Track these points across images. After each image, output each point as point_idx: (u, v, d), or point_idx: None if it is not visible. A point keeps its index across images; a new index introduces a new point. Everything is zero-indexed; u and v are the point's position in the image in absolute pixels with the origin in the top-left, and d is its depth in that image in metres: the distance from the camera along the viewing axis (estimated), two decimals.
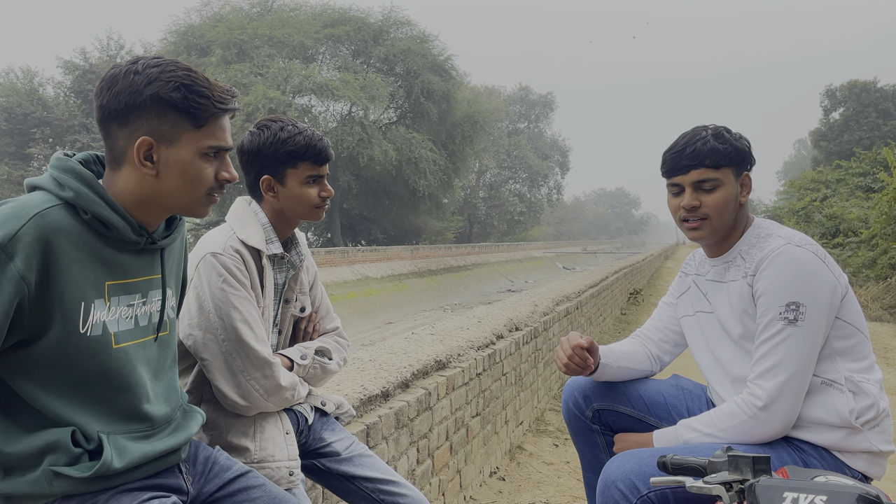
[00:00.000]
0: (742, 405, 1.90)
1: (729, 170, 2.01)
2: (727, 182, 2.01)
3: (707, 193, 2.01)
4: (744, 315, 1.98)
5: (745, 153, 2.03)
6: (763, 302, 1.90)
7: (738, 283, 2.00)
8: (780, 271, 1.89)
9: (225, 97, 1.41)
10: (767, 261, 1.92)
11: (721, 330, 2.07)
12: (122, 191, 1.38)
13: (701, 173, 2.00)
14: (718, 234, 2.06)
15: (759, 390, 1.87)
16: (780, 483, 1.21)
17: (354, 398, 2.62)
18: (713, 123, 2.10)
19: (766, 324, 1.89)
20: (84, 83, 34.37)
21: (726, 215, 2.02)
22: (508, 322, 5.02)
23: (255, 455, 1.82)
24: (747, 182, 2.06)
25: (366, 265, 30.65)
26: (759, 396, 1.86)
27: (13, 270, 1.21)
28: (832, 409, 1.86)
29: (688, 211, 2.03)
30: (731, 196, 2.01)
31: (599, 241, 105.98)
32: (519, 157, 61.61)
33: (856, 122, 46.68)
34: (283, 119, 1.97)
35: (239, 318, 1.78)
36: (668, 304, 2.37)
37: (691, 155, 2.00)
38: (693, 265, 2.25)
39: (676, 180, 2.05)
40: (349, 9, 37.92)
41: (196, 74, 1.38)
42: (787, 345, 1.85)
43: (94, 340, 1.33)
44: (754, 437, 1.88)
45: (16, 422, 1.32)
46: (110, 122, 1.36)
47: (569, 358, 2.18)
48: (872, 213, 16.69)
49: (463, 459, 3.74)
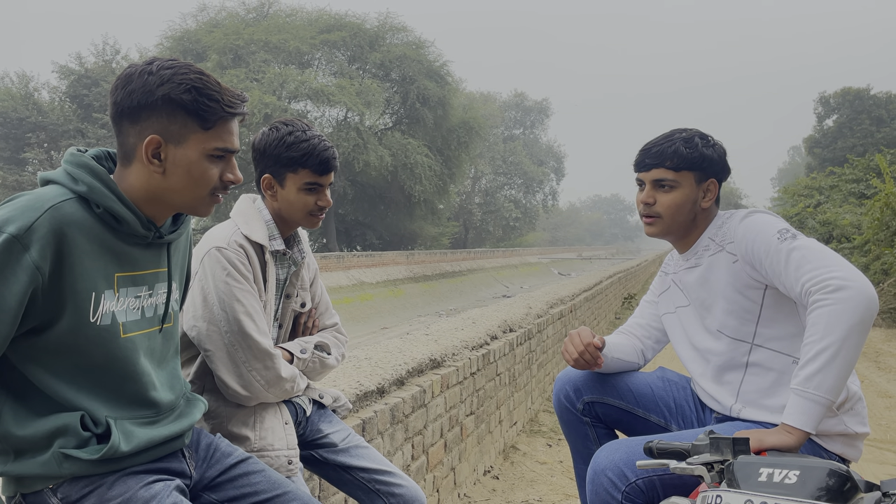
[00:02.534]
0: (820, 305, 1.78)
1: (690, 174, 2.08)
2: (685, 185, 2.08)
3: (664, 193, 2.10)
4: (726, 287, 2.04)
5: (711, 161, 2.09)
6: (758, 249, 1.96)
7: (715, 257, 2.08)
8: (755, 222, 2.01)
9: (234, 101, 1.46)
10: (738, 224, 2.04)
11: (700, 321, 2.14)
12: (131, 186, 1.43)
13: (660, 173, 2.10)
14: (672, 232, 2.16)
15: (820, 284, 1.79)
16: (757, 460, 1.28)
17: (350, 393, 2.67)
18: (696, 128, 2.18)
19: (775, 254, 1.91)
20: (79, 88, 34.38)
21: (679, 217, 2.11)
22: (503, 323, 5.08)
23: (255, 444, 1.87)
24: (713, 188, 2.12)
25: (361, 270, 30.69)
26: (828, 283, 1.78)
27: (28, 260, 1.26)
28: None
29: (644, 206, 2.15)
30: (686, 199, 2.09)
31: (595, 247, 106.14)
32: (514, 163, 61.77)
33: (849, 129, 46.88)
34: (296, 123, 2.02)
35: (242, 311, 1.83)
36: (649, 303, 2.45)
37: (655, 154, 2.10)
38: (672, 264, 2.32)
39: (640, 176, 2.16)
40: (345, 15, 38.07)
41: (208, 78, 1.44)
42: (806, 248, 1.88)
43: (103, 329, 1.39)
44: (858, 314, 1.74)
45: (27, 406, 1.37)
46: (123, 119, 1.41)
47: (580, 353, 2.22)
48: (865, 219, 16.82)
49: (457, 457, 3.80)
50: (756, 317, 2.02)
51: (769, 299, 2.00)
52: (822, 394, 1.74)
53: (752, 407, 2.01)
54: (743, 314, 2.03)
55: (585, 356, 2.22)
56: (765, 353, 2.01)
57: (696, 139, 2.10)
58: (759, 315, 2.01)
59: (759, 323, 2.02)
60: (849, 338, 1.73)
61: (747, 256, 1.99)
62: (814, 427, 1.75)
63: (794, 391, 1.78)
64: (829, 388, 1.73)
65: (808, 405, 1.75)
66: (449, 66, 39.49)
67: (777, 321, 2.00)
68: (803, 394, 1.76)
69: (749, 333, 2.03)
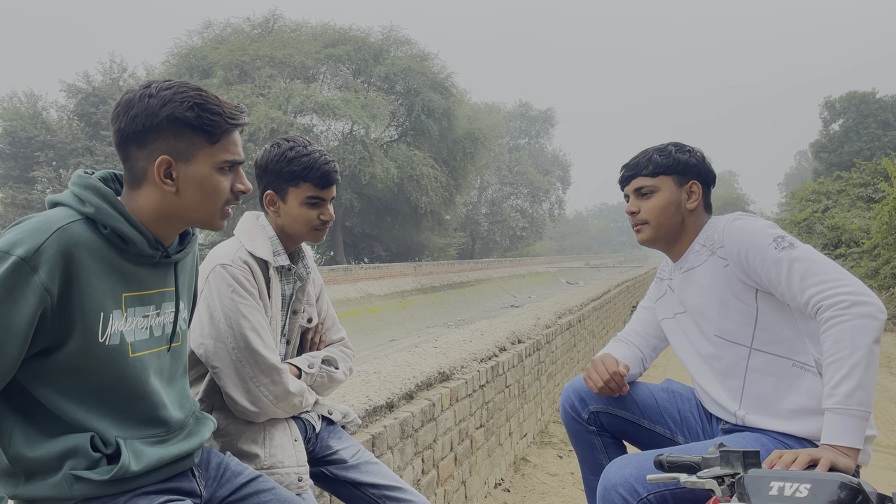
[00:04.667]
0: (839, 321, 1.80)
1: (668, 178, 2.17)
2: (664, 188, 2.17)
3: (646, 200, 2.19)
4: (721, 292, 2.05)
5: (687, 164, 2.17)
6: (752, 257, 1.97)
7: (706, 262, 2.10)
8: (744, 227, 2.03)
9: (235, 113, 1.49)
10: (728, 228, 2.06)
11: (698, 327, 2.15)
12: (140, 208, 1.45)
13: (639, 181, 2.20)
14: (661, 236, 2.20)
15: (833, 299, 1.82)
16: (767, 474, 1.27)
17: (360, 409, 2.67)
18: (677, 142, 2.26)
19: (773, 263, 1.93)
20: (87, 106, 34.66)
21: (664, 219, 2.17)
22: (511, 335, 5.07)
23: (265, 461, 1.87)
24: (696, 190, 2.18)
25: (369, 282, 30.72)
26: (842, 299, 1.81)
27: (37, 282, 1.27)
28: (810, 393, 1.93)
29: (631, 216, 2.23)
30: (668, 202, 2.16)
31: (602, 256, 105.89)
32: (520, 172, 61.84)
33: (855, 133, 46.81)
34: (297, 139, 2.04)
35: (248, 327, 1.84)
36: (646, 309, 2.46)
37: (632, 166, 2.23)
38: (666, 270, 2.34)
39: (625, 191, 2.27)
40: (349, 29, 38.28)
41: (206, 93, 1.46)
42: (808, 259, 1.89)
43: (112, 349, 1.39)
44: (877, 328, 1.78)
45: (37, 427, 1.38)
46: (129, 144, 1.43)
47: (605, 382, 2.25)
48: (874, 224, 16.77)
49: (468, 470, 3.78)
50: (753, 320, 2.03)
51: (763, 302, 2.01)
52: (864, 408, 1.76)
53: (756, 413, 2.02)
54: (739, 318, 2.04)
55: (611, 384, 2.25)
56: (764, 357, 2.02)
57: (669, 147, 2.22)
58: (755, 318, 2.02)
59: (756, 326, 2.03)
60: (873, 351, 1.78)
61: (739, 262, 2.01)
62: (862, 443, 1.76)
63: (837, 411, 1.76)
64: (868, 401, 1.77)
65: (854, 422, 1.75)
66: (453, 77, 39.66)
67: (773, 324, 2.01)
68: (847, 412, 1.75)
69: (747, 337, 2.04)
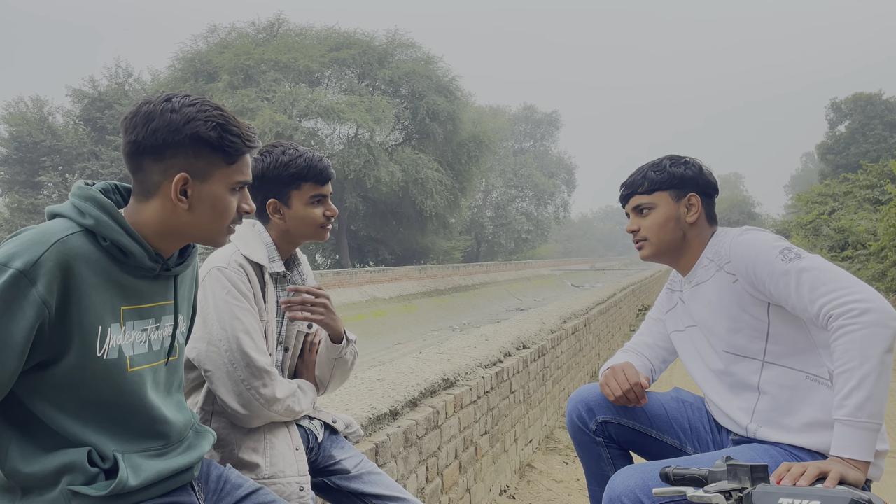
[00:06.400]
0: (849, 330, 1.75)
1: (664, 193, 2.17)
2: (662, 204, 2.17)
3: (644, 217, 2.20)
4: (730, 307, 2.03)
5: (683, 177, 2.17)
6: (760, 271, 1.95)
7: (714, 278, 2.08)
8: (751, 241, 2.01)
9: (251, 135, 1.49)
10: (734, 243, 2.04)
11: (707, 342, 2.12)
12: (146, 220, 1.43)
13: (637, 199, 2.22)
14: (662, 252, 2.20)
15: (843, 308, 1.77)
16: (776, 490, 1.25)
17: (363, 417, 2.65)
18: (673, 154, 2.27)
19: (781, 276, 1.89)
20: (93, 111, 34.83)
21: (664, 235, 2.17)
22: (516, 340, 5.05)
23: (266, 471, 1.86)
24: (695, 202, 2.17)
25: (374, 286, 30.73)
26: (852, 307, 1.76)
27: (35, 295, 1.26)
28: (823, 406, 1.90)
29: (632, 234, 2.24)
30: (667, 217, 2.16)
31: (608, 258, 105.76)
32: (525, 175, 61.85)
33: (862, 135, 46.67)
34: (283, 143, 2.05)
35: (241, 329, 1.83)
36: (656, 321, 2.43)
37: (629, 185, 2.25)
38: (678, 282, 2.32)
39: (625, 209, 2.29)
40: (354, 32, 38.40)
41: (228, 114, 1.46)
42: (816, 269, 1.85)
43: (109, 364, 1.37)
44: (890, 336, 1.73)
45: (34, 442, 1.36)
46: (143, 156, 1.41)
47: (624, 392, 2.21)
48: (881, 226, 16.68)
49: (472, 478, 3.76)
50: (765, 334, 2.00)
51: (774, 316, 1.98)
52: (875, 420, 1.71)
53: (768, 427, 1.98)
54: (751, 332, 2.01)
55: (630, 395, 2.21)
56: (777, 371, 1.99)
57: (664, 162, 2.21)
58: (767, 332, 1.99)
59: (768, 340, 2.00)
60: (885, 360, 1.72)
61: (748, 277, 1.98)
62: (872, 455, 1.72)
63: (846, 423, 1.72)
64: (879, 412, 1.72)
65: (864, 435, 1.71)
66: (458, 80, 39.71)
67: (786, 337, 1.98)
68: (857, 424, 1.71)
69: (759, 351, 2.01)
